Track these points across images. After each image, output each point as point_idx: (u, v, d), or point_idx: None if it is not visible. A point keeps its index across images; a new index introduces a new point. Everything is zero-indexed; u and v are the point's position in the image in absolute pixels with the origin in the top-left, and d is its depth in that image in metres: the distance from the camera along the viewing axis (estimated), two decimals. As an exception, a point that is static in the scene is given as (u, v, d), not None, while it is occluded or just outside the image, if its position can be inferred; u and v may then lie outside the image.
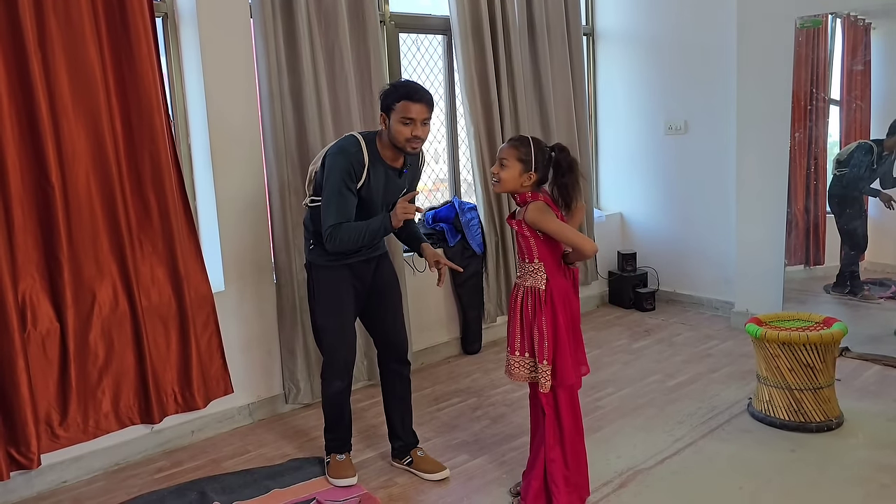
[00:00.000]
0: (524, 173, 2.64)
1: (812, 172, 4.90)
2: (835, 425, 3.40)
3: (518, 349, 2.73)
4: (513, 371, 2.76)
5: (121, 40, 3.22)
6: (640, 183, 5.76)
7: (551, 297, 2.66)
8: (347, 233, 2.83)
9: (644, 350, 4.70)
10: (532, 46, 5.01)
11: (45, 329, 3.09)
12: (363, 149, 2.86)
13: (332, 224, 2.82)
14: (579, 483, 2.80)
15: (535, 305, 2.67)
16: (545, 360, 2.64)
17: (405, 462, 3.23)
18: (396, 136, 2.83)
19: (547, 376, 2.65)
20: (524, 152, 2.64)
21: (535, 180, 2.65)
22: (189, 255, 3.48)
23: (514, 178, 2.65)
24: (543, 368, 2.65)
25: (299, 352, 3.89)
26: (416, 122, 2.80)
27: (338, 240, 2.83)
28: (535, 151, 2.63)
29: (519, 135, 2.79)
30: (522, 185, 2.66)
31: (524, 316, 2.71)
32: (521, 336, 2.72)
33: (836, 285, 4.92)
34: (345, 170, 2.82)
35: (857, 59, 4.74)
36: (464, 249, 4.68)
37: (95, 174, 3.19)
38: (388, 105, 2.83)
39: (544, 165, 2.65)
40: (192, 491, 3.09)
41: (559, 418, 2.72)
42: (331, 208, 2.83)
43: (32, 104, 2.97)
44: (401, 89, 2.83)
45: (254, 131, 3.75)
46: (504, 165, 2.67)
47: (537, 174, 2.64)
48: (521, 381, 2.77)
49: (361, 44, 4.06)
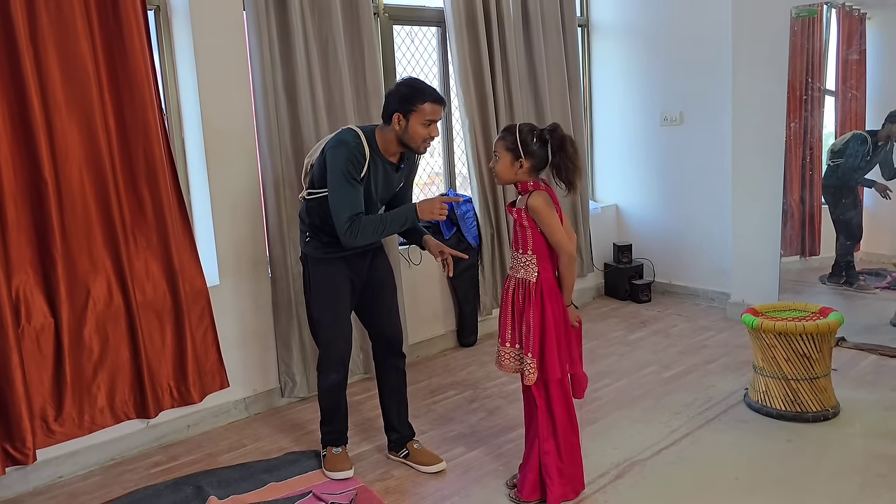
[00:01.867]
0: (514, 162, 2.62)
1: (807, 163, 4.89)
2: (831, 415, 3.41)
3: (508, 340, 2.72)
4: (503, 362, 2.76)
5: (113, 34, 3.20)
6: (636, 174, 5.75)
7: (541, 291, 2.65)
8: (369, 225, 2.80)
9: (640, 341, 4.71)
10: (527, 38, 5.00)
11: (39, 324, 3.09)
12: (363, 142, 2.84)
13: (349, 217, 2.76)
14: (573, 475, 2.81)
15: (525, 297, 2.67)
16: (530, 352, 2.64)
17: (401, 455, 3.23)
18: (414, 136, 2.82)
19: (532, 369, 2.64)
20: (510, 141, 2.62)
21: (527, 167, 2.62)
22: (183, 250, 3.47)
23: (506, 168, 2.65)
24: (528, 361, 2.65)
25: (295, 345, 3.89)
26: (435, 123, 2.82)
27: (359, 233, 2.79)
28: (520, 139, 2.60)
29: (508, 124, 2.77)
30: (517, 173, 2.65)
31: (515, 307, 2.71)
32: (512, 328, 2.72)
33: (831, 276, 4.92)
34: (348, 161, 2.79)
35: (853, 48, 4.74)
36: (459, 242, 4.67)
37: (89, 169, 3.18)
38: (409, 107, 2.78)
39: (534, 150, 2.61)
40: (189, 485, 3.09)
41: (551, 411, 2.73)
42: (343, 201, 2.78)
43: (25, 100, 2.96)
44: (425, 91, 2.80)
45: (247, 125, 3.74)
46: (497, 158, 2.67)
47: (528, 160, 2.61)
48: (511, 373, 2.77)
49: (355, 36, 4.04)
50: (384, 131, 2.88)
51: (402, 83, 2.90)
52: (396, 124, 2.82)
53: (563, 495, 2.76)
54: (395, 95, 2.84)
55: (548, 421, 2.73)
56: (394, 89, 2.88)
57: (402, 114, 2.80)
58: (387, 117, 2.85)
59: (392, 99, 2.84)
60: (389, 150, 2.91)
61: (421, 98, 2.78)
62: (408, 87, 2.84)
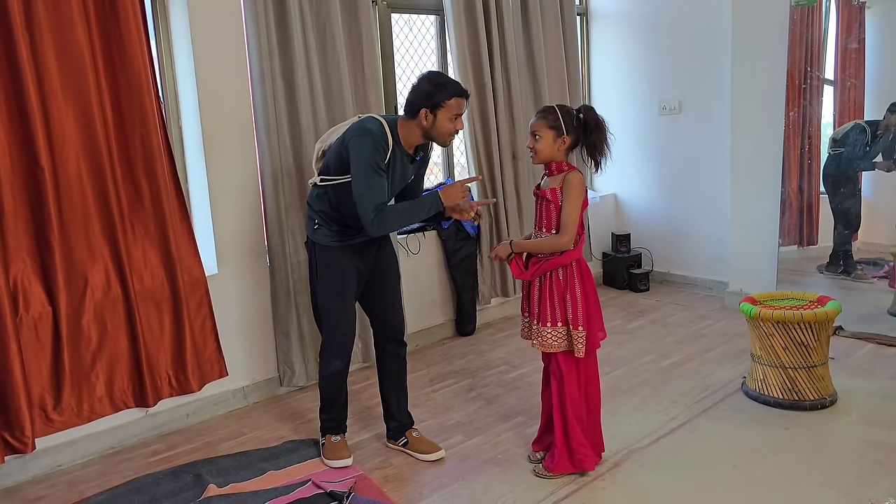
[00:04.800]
0: (557, 139, 2.76)
1: (806, 152, 4.90)
2: (828, 403, 3.42)
3: (558, 320, 2.80)
4: (547, 342, 2.81)
5: (109, 21, 3.18)
6: (635, 163, 5.74)
7: (579, 267, 2.80)
8: (395, 215, 2.83)
9: (638, 330, 4.72)
10: (525, 26, 4.98)
11: (37, 313, 3.08)
12: (387, 131, 2.83)
13: (375, 206, 2.76)
14: (598, 441, 3.00)
15: (566, 275, 2.79)
16: (581, 325, 2.76)
17: (400, 443, 3.23)
18: (442, 131, 2.83)
19: (582, 341, 2.76)
20: (552, 119, 2.76)
21: (569, 143, 2.77)
22: (182, 239, 3.46)
23: (549, 146, 2.77)
24: (580, 334, 2.76)
25: (294, 334, 3.89)
26: (460, 117, 2.85)
27: (385, 223, 2.80)
28: (563, 115, 2.75)
29: (543, 106, 2.94)
30: (558, 150, 2.78)
31: (556, 287, 2.79)
32: (552, 307, 2.80)
33: (829, 265, 4.93)
34: (374, 150, 2.78)
35: (852, 37, 4.73)
36: (457, 231, 4.67)
37: (86, 157, 3.17)
38: (438, 102, 2.78)
39: (574, 127, 2.77)
40: (188, 474, 3.09)
41: (581, 381, 2.87)
42: (369, 191, 2.77)
43: (21, 87, 2.94)
44: (451, 86, 2.81)
45: (245, 113, 3.72)
46: (538, 137, 2.78)
47: (570, 136, 2.76)
48: (555, 351, 2.83)
49: (353, 24, 4.02)
50: (408, 124, 2.87)
51: (426, 78, 2.87)
52: (424, 119, 2.81)
53: (595, 460, 2.93)
54: (421, 91, 2.82)
55: (577, 391, 2.85)
56: (418, 84, 2.85)
57: (429, 109, 2.80)
58: (412, 112, 2.83)
59: (418, 94, 2.82)
60: (410, 142, 2.91)
61: (448, 93, 2.80)
62: (433, 82, 2.83)
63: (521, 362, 4.21)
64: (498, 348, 4.52)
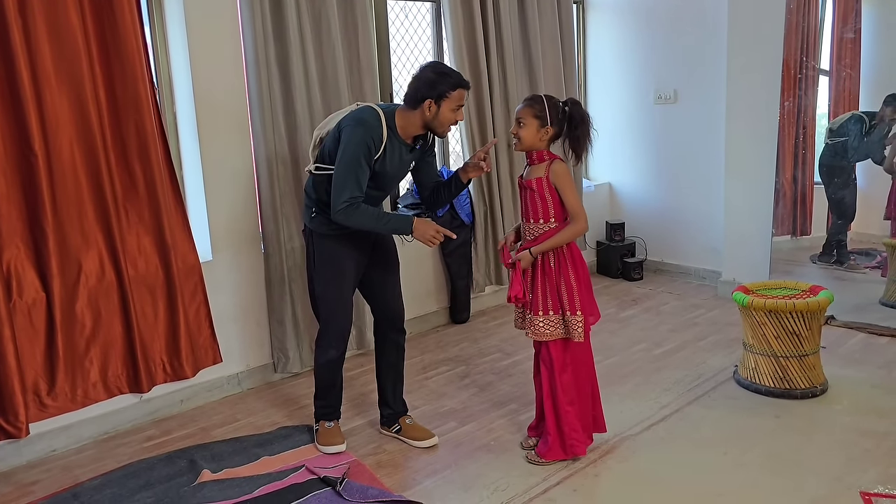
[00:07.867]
0: (541, 129, 2.78)
1: (801, 142, 4.91)
2: (819, 392, 3.44)
3: (550, 308, 2.82)
4: (540, 330, 2.84)
5: (103, 6, 3.15)
6: (629, 153, 5.74)
7: (571, 252, 2.83)
8: (364, 216, 2.81)
9: (631, 319, 4.73)
10: (521, 14, 4.96)
11: (31, 299, 3.08)
12: (383, 123, 2.83)
13: (348, 199, 2.76)
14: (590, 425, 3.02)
15: (557, 263, 2.81)
16: (578, 310, 2.79)
17: (394, 430, 3.25)
18: (444, 122, 2.84)
19: (581, 326, 2.78)
20: (538, 108, 2.77)
21: (551, 134, 2.79)
22: (176, 225, 3.46)
23: (532, 134, 2.79)
24: (577, 319, 2.78)
25: (288, 321, 3.89)
26: (461, 108, 2.86)
27: (351, 218, 2.80)
28: (549, 106, 2.77)
29: (532, 94, 2.95)
30: (540, 139, 2.79)
31: (547, 275, 2.82)
32: (544, 295, 2.82)
33: (822, 255, 4.96)
34: (363, 143, 2.77)
35: (848, 26, 4.73)
36: (452, 219, 4.67)
37: (79, 143, 3.15)
38: (442, 92, 2.78)
39: (559, 119, 2.78)
40: (182, 459, 3.10)
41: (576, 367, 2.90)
42: (347, 181, 2.77)
43: (14, 72, 2.92)
44: (455, 77, 2.82)
45: (240, 100, 3.71)
46: (522, 124, 2.80)
47: (553, 128, 2.78)
48: (550, 339, 2.85)
49: (349, 11, 4.01)
50: (408, 114, 2.86)
51: (429, 68, 2.86)
52: (427, 110, 2.81)
53: (587, 443, 2.97)
54: (424, 81, 2.80)
55: (568, 377, 2.88)
56: (421, 74, 2.83)
57: (433, 100, 2.79)
58: (414, 102, 2.82)
59: (421, 84, 2.81)
60: (408, 132, 2.90)
61: (452, 84, 2.80)
62: (436, 72, 2.82)
63: (515, 350, 4.22)
64: (491, 336, 4.53)
